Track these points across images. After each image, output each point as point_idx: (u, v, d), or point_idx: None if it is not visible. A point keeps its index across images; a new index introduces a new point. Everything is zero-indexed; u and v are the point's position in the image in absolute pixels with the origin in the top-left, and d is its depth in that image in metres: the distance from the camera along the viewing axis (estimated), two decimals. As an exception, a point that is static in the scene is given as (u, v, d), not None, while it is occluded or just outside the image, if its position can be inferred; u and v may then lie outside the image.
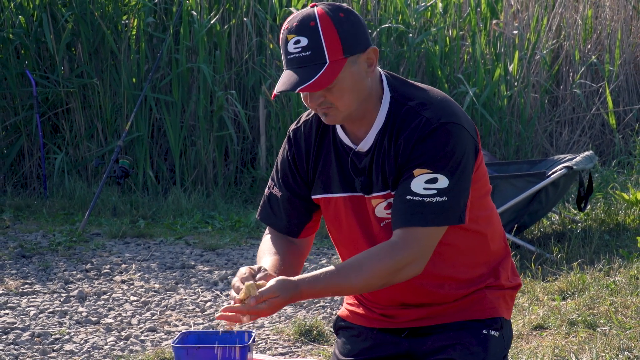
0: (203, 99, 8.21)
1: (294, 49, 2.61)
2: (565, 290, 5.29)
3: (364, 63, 2.66)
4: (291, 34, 2.62)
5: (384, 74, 2.77)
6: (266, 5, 8.55)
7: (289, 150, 2.86)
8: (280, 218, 2.88)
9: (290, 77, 2.61)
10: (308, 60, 2.60)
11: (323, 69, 2.59)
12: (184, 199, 7.73)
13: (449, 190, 2.63)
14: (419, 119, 2.67)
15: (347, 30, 2.62)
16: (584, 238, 6.23)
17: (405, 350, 2.85)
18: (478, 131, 2.77)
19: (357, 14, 2.67)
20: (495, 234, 2.87)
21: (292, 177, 2.86)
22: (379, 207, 2.76)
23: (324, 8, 2.63)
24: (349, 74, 2.63)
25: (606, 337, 4.47)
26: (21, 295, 5.64)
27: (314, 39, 2.60)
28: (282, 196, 2.87)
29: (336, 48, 2.60)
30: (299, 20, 2.62)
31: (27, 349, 4.77)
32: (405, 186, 2.65)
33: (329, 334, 4.86)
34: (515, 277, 2.94)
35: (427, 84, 8.62)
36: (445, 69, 8.70)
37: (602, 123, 9.23)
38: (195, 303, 5.52)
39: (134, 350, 4.78)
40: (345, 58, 2.62)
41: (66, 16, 8.20)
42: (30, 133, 8.39)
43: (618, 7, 9.55)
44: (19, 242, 6.77)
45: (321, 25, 2.60)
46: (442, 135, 2.64)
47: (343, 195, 2.80)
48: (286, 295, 2.57)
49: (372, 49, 2.66)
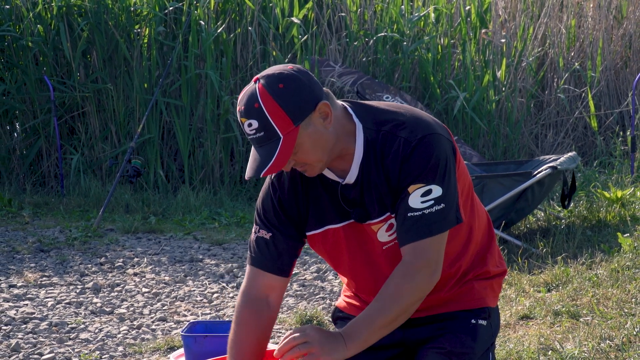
0: (210, 103, 8.20)
1: (249, 131, 2.56)
2: (550, 282, 5.28)
3: (319, 119, 2.59)
4: (243, 117, 2.56)
5: (348, 107, 2.70)
6: (269, 15, 8.54)
7: (274, 195, 2.77)
8: (271, 259, 2.77)
9: (255, 158, 2.58)
10: (264, 139, 2.55)
11: (279, 146, 2.54)
12: (192, 196, 7.72)
13: (444, 197, 2.62)
14: (398, 140, 2.64)
15: (289, 101, 2.54)
16: (568, 234, 6.23)
17: (399, 339, 2.85)
18: (450, 131, 2.75)
19: (299, 73, 2.57)
20: (482, 224, 2.87)
21: (278, 219, 2.77)
22: (381, 231, 2.73)
23: (263, 84, 2.54)
24: (306, 136, 2.57)
25: (589, 327, 4.46)
26: (40, 287, 5.63)
27: (262, 120, 2.53)
28: (270, 237, 2.77)
29: (284, 121, 2.54)
30: (245, 103, 2.55)
31: (44, 338, 4.76)
32: (405, 205, 2.63)
33: (328, 323, 4.85)
34: (501, 262, 2.94)
35: (420, 90, 8.66)
36: (437, 75, 8.69)
37: (585, 126, 9.22)
38: (203, 294, 5.51)
39: (145, 338, 4.77)
40: (297, 126, 2.56)
41: (82, 25, 8.20)
42: (48, 135, 8.38)
43: (599, 17, 9.54)
44: (37, 237, 6.77)
45: (264, 105, 2.53)
46: (423, 149, 2.62)
47: (341, 224, 2.75)
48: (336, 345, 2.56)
49: (322, 103, 2.58)
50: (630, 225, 6.29)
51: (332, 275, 5.85)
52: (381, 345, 2.86)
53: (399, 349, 2.86)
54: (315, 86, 2.59)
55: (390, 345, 2.86)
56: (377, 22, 8.81)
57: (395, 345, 2.86)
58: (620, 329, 4.37)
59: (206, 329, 3.31)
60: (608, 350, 4.13)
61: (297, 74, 2.57)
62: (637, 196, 6.95)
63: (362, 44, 8.74)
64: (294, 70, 2.58)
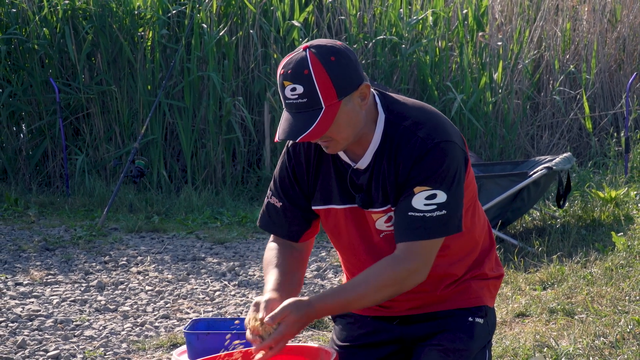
0: (212, 104, 8.20)
1: (291, 95, 2.55)
2: (545, 280, 5.28)
3: (358, 99, 2.60)
4: (287, 81, 2.54)
5: (376, 94, 2.71)
6: (270, 18, 8.54)
7: (289, 164, 2.79)
8: (280, 226, 2.83)
9: (290, 123, 2.56)
10: (305, 106, 2.54)
11: (320, 115, 2.54)
12: (194, 196, 7.72)
13: (447, 204, 2.62)
14: (415, 139, 2.63)
15: (338, 74, 2.54)
16: (563, 233, 6.23)
17: (398, 336, 2.85)
18: (465, 140, 2.75)
19: (348, 51, 2.59)
20: (483, 231, 2.87)
21: (292, 188, 2.80)
22: (380, 220, 2.73)
23: (315, 53, 2.54)
24: (344, 113, 2.58)
25: (583, 324, 4.46)
26: (45, 285, 5.63)
27: (308, 87, 2.53)
28: (281, 206, 2.81)
29: (330, 93, 2.54)
30: (293, 67, 2.54)
31: (50, 335, 4.76)
32: (407, 203, 2.62)
33: (327, 321, 4.85)
34: (499, 267, 2.94)
35: (418, 92, 8.65)
36: (435, 77, 8.69)
37: (580, 127, 9.22)
38: (205, 292, 5.51)
39: (148, 335, 4.77)
40: (340, 101, 2.56)
41: (87, 28, 8.19)
42: (53, 136, 8.38)
43: (594, 21, 9.54)
44: (43, 236, 6.77)
45: (314, 73, 2.52)
46: (438, 154, 2.61)
47: (343, 207, 2.76)
48: (300, 313, 2.54)
49: (364, 85, 2.59)
50: (624, 225, 6.28)
51: (332, 274, 5.85)
52: (379, 342, 2.86)
53: (397, 346, 2.86)
54: (359, 67, 2.61)
55: (388, 342, 2.86)
56: (376, 25, 8.81)
57: (393, 342, 2.86)
58: (614, 326, 4.37)
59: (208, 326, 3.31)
60: (602, 347, 4.14)
61: (347, 52, 2.59)
62: (630, 196, 6.95)
63: (362, 47, 8.74)
64: (343, 47, 2.60)
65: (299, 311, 2.55)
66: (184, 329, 3.15)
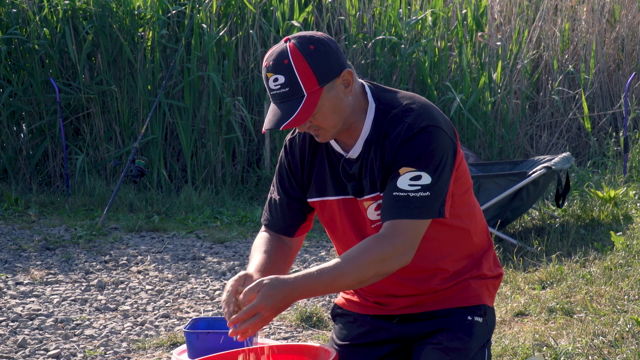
0: (212, 104, 8.19)
1: (274, 85, 2.62)
2: (544, 280, 5.28)
3: (341, 85, 2.65)
4: (270, 72, 2.62)
5: (366, 85, 2.76)
6: (270, 18, 8.54)
7: (285, 158, 2.86)
8: (279, 220, 2.87)
9: (275, 113, 2.62)
10: (288, 95, 2.61)
11: (302, 103, 2.60)
12: (194, 196, 7.72)
13: (431, 186, 2.63)
14: (402, 124, 2.67)
15: (318, 62, 2.61)
16: (562, 232, 6.23)
17: (397, 335, 2.85)
18: (457, 133, 2.76)
19: (328, 40, 2.65)
20: (478, 229, 2.86)
21: (289, 182, 2.85)
22: (370, 208, 2.75)
23: (295, 43, 2.62)
24: (328, 100, 2.64)
25: (582, 323, 4.46)
26: (45, 285, 5.63)
27: (289, 76, 2.59)
28: (280, 200, 2.86)
29: (311, 80, 2.60)
30: (274, 59, 2.62)
31: (50, 334, 4.76)
32: (392, 184, 2.65)
33: (327, 320, 4.85)
34: (497, 267, 2.94)
35: (417, 91, 8.65)
36: (434, 77, 8.69)
37: (579, 127, 9.22)
38: (205, 292, 5.51)
39: (148, 334, 4.77)
40: (321, 87, 2.62)
41: (87, 28, 8.19)
42: (54, 136, 8.38)
43: (593, 21, 9.54)
44: (43, 235, 6.76)
45: (294, 62, 2.59)
46: (424, 137, 2.64)
47: (337, 198, 2.79)
48: (276, 289, 2.52)
49: (346, 71, 2.65)
50: (623, 224, 6.28)
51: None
52: (379, 341, 2.86)
53: (396, 345, 2.86)
54: (342, 55, 2.67)
55: (387, 341, 2.86)
56: (376, 26, 8.81)
57: (393, 341, 2.86)
58: (613, 325, 4.37)
59: (208, 325, 3.31)
60: (601, 346, 4.13)
61: (327, 40, 2.65)
62: (629, 195, 6.95)
63: (361, 47, 8.74)
64: (324, 36, 2.66)
65: (275, 287, 2.53)
66: (184, 328, 3.15)
